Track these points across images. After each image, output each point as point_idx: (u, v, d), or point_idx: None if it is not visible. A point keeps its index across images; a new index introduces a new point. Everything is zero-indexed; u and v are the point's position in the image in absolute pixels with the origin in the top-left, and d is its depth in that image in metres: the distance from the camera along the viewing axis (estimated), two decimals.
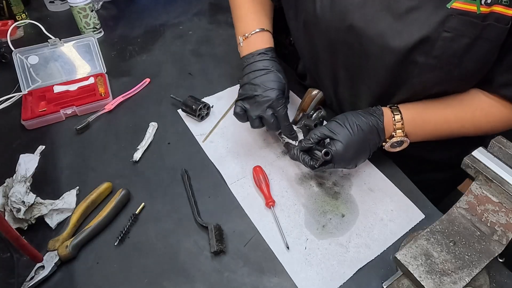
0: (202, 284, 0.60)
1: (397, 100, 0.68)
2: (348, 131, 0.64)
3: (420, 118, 0.67)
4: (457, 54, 0.57)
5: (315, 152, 0.67)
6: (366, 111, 0.68)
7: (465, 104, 0.66)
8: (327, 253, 0.63)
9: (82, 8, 1.05)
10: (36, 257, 0.58)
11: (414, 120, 0.66)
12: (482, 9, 0.53)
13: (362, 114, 0.66)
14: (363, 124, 0.65)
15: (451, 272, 0.51)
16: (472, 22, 0.54)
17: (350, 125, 0.65)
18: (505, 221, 0.53)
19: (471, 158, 0.56)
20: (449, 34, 0.55)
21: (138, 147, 0.80)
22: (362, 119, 0.65)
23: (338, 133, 0.64)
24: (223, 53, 1.07)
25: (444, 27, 0.55)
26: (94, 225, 0.65)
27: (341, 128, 0.65)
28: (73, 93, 0.92)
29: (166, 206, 0.70)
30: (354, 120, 0.65)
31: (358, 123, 0.65)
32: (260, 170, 0.74)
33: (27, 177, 0.69)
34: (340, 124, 0.65)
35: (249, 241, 0.65)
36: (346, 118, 0.66)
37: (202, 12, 1.26)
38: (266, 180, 0.72)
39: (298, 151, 0.68)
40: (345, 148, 0.63)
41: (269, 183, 0.72)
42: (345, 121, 0.65)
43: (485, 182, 0.54)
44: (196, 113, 0.84)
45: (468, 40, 0.55)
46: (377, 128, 0.66)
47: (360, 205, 0.70)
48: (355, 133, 0.64)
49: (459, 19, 0.54)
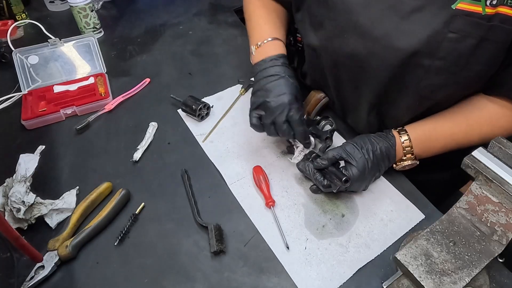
0: (202, 284, 0.60)
1: (404, 105, 0.68)
2: (364, 157, 0.65)
3: (428, 140, 0.68)
4: (463, 56, 0.56)
5: (327, 172, 0.67)
6: (380, 136, 0.69)
7: (472, 119, 0.66)
8: (327, 253, 0.63)
9: (82, 8, 1.05)
10: (36, 257, 0.58)
11: (423, 143, 0.68)
12: (487, 10, 0.53)
13: (376, 140, 0.67)
14: (377, 152, 0.66)
15: (451, 272, 0.51)
16: (477, 23, 0.54)
17: (366, 151, 0.66)
18: (505, 221, 0.53)
19: (471, 158, 0.56)
20: (454, 35, 0.55)
21: (138, 147, 0.80)
22: (376, 146, 0.67)
23: (354, 158, 0.65)
24: (223, 53, 1.07)
25: (449, 27, 0.55)
26: (94, 225, 0.65)
27: (358, 152, 0.66)
28: (73, 93, 0.92)
29: (166, 206, 0.70)
30: (370, 147, 0.66)
31: (373, 149, 0.66)
32: (260, 170, 0.74)
33: (27, 177, 0.69)
34: (357, 149, 0.66)
35: (249, 241, 0.65)
36: (363, 143, 0.67)
37: (202, 12, 1.26)
38: (266, 180, 0.72)
39: (311, 169, 0.68)
40: (360, 174, 0.65)
41: (269, 183, 0.72)
42: (362, 147, 0.66)
43: (485, 182, 0.54)
44: (196, 113, 0.84)
45: (474, 41, 0.55)
46: (389, 155, 0.67)
47: (360, 205, 0.70)
48: (370, 160, 0.66)
49: (464, 20, 0.54)
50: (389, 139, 0.68)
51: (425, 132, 0.68)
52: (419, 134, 0.68)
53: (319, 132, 0.74)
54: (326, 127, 0.75)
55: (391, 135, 0.68)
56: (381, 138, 0.68)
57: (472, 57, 0.56)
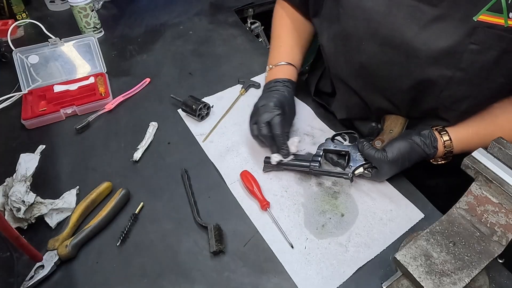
0: (201, 284, 0.60)
1: (426, 113, 0.68)
2: (394, 171, 0.67)
3: (466, 141, 0.67)
4: (485, 68, 0.56)
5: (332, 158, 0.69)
6: (425, 146, 0.66)
7: (499, 124, 0.66)
8: (326, 252, 0.63)
9: (83, 8, 1.05)
10: (35, 256, 0.58)
11: (462, 143, 0.67)
12: (509, 22, 0.53)
13: (416, 153, 0.66)
14: (413, 159, 0.66)
15: (450, 273, 0.51)
16: (499, 35, 0.53)
17: (401, 166, 0.66)
18: (505, 222, 0.53)
19: (471, 158, 0.56)
20: (476, 47, 0.55)
21: (138, 146, 0.80)
22: (415, 157, 0.66)
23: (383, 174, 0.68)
24: (223, 53, 1.07)
25: (470, 39, 0.55)
26: (93, 225, 0.65)
27: (394, 170, 0.67)
28: (73, 92, 0.92)
29: (166, 206, 0.70)
30: (407, 163, 0.66)
31: (409, 160, 0.66)
32: (247, 174, 0.73)
33: (27, 177, 0.69)
34: (394, 168, 0.67)
35: (249, 241, 0.65)
36: (401, 161, 0.65)
37: (202, 12, 1.26)
38: (256, 183, 0.71)
39: None
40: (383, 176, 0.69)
41: (260, 186, 0.71)
42: (400, 165, 0.66)
43: (485, 183, 0.54)
44: (196, 113, 0.84)
45: (496, 53, 0.54)
46: (425, 159, 0.68)
47: (359, 204, 0.70)
48: (399, 167, 0.67)
49: (486, 32, 0.54)
50: (431, 150, 0.66)
51: (464, 133, 0.67)
52: (459, 136, 0.67)
53: None
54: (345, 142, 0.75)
55: (435, 148, 0.66)
56: (424, 151, 0.66)
57: (494, 69, 0.56)
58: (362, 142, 0.68)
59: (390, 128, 0.71)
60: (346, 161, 0.70)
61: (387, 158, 0.64)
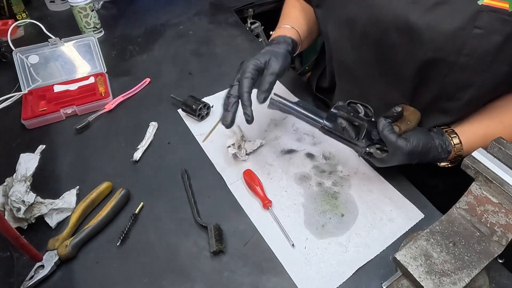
0: (201, 284, 0.60)
1: (430, 102, 0.67)
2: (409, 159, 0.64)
3: (474, 141, 0.66)
4: (489, 53, 0.55)
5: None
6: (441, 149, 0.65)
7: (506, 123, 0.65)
8: (326, 252, 0.63)
9: (83, 8, 1.05)
10: (35, 256, 0.58)
11: (470, 145, 0.66)
12: None
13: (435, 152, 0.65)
14: (427, 159, 0.65)
15: (450, 273, 0.51)
16: (504, 19, 0.53)
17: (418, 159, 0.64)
18: (505, 222, 0.53)
19: (471, 158, 0.56)
20: (480, 31, 0.54)
21: (138, 146, 0.80)
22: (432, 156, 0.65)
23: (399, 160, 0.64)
24: (223, 53, 1.07)
25: (474, 23, 0.54)
26: (93, 225, 0.65)
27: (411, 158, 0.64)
28: (73, 92, 0.92)
29: (166, 206, 0.70)
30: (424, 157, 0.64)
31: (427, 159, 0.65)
32: (250, 173, 0.73)
33: (27, 177, 0.69)
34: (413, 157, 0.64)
35: (249, 241, 0.65)
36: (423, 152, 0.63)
37: (202, 12, 1.26)
38: (259, 181, 0.72)
39: None
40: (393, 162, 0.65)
41: (262, 184, 0.72)
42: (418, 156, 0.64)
43: (485, 182, 0.54)
44: (196, 113, 0.84)
45: (500, 38, 0.54)
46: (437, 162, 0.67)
47: (359, 204, 0.70)
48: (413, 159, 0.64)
49: (490, 16, 0.53)
50: (444, 154, 0.65)
51: (474, 134, 0.66)
52: (468, 137, 0.66)
53: None
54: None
55: (449, 150, 0.65)
56: (440, 154, 0.65)
57: (498, 55, 0.55)
58: (385, 122, 0.63)
59: (409, 119, 0.68)
60: (360, 134, 0.65)
61: (407, 147, 0.61)
